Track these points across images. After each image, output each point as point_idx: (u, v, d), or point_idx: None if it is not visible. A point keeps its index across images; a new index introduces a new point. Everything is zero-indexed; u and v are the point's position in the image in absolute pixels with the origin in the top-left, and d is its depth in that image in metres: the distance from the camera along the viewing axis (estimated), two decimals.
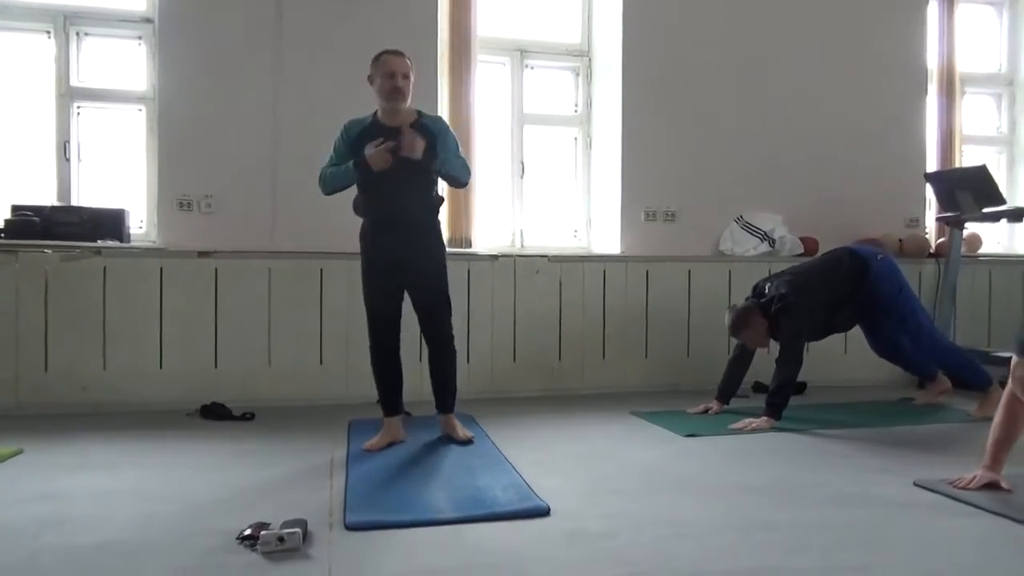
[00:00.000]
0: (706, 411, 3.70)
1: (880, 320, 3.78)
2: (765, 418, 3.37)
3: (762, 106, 4.76)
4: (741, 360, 3.76)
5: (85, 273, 3.72)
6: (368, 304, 3.05)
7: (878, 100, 4.97)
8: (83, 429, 3.30)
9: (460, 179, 3.10)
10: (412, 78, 3.02)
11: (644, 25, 4.57)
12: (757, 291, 3.70)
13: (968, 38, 5.37)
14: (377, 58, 3.02)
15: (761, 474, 2.66)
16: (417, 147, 2.90)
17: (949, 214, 4.54)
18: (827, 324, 3.69)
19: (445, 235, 4.27)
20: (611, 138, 4.62)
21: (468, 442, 3.05)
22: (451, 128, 3.17)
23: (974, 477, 2.39)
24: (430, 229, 3.09)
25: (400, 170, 2.90)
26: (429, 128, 3.01)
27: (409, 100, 3.01)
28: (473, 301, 4.17)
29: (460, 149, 3.11)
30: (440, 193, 3.21)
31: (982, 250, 5.15)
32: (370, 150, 2.85)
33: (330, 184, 3.00)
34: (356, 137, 2.97)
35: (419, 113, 3.06)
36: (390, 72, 2.97)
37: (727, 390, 3.77)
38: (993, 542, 2.01)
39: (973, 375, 3.70)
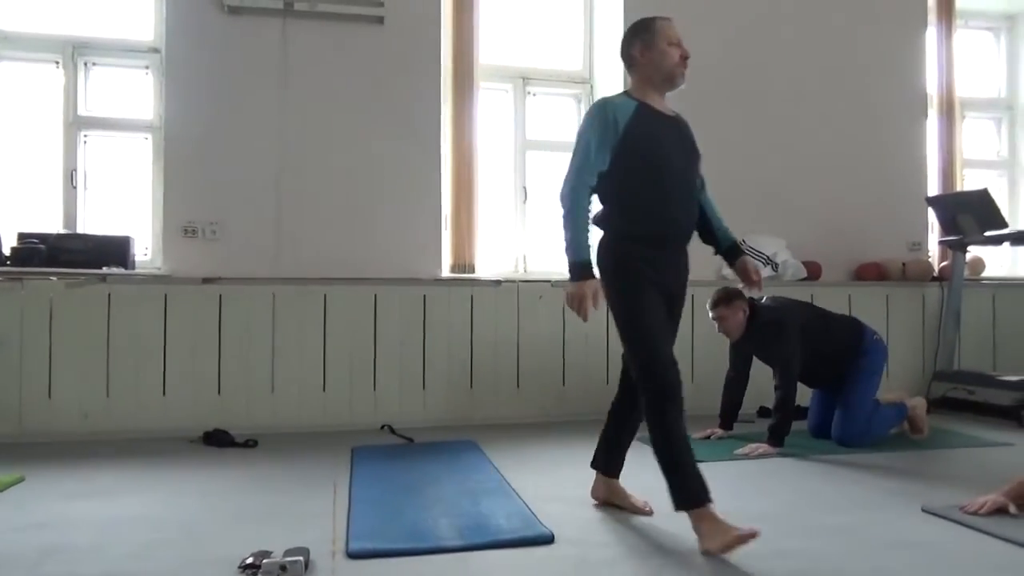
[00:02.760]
0: (709, 436, 3.68)
1: (841, 391, 3.62)
2: (767, 445, 3.36)
3: (763, 131, 4.79)
4: (736, 382, 3.76)
5: (90, 300, 3.74)
6: (653, 340, 2.27)
7: (879, 125, 5.00)
8: (86, 456, 3.29)
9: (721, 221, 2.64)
10: None
11: None
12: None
13: (967, 63, 5.42)
14: (650, 24, 2.37)
15: (767, 500, 2.64)
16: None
17: (952, 238, 4.55)
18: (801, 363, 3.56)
19: (447, 261, 4.36)
20: None
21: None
22: None
23: (985, 502, 2.37)
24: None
25: (685, 175, 2.37)
26: (689, 129, 2.52)
27: None
28: (476, 326, 4.17)
29: None
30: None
31: (985, 273, 5.15)
32: (577, 301, 2.28)
33: (572, 222, 2.25)
34: (626, 126, 2.25)
35: None
36: (677, 40, 2.38)
37: (728, 415, 3.76)
38: (1003, 569, 1.99)
39: (896, 420, 3.65)
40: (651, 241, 2.29)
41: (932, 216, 4.92)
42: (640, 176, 2.25)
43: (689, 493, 2.12)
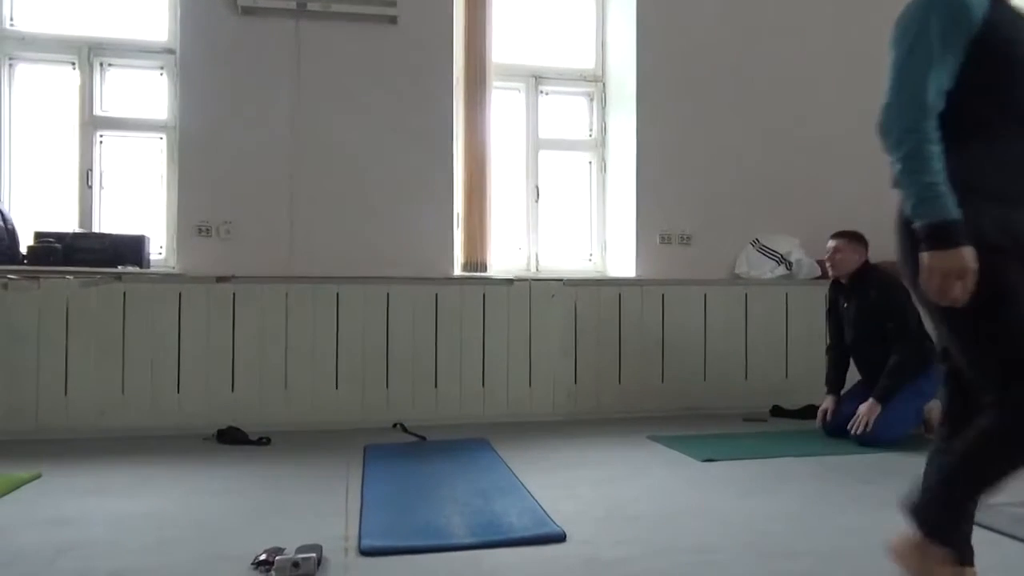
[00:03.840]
0: (827, 413, 3.65)
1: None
2: (869, 405, 3.40)
3: (778, 129, 4.76)
4: (838, 350, 3.80)
5: (105, 299, 3.77)
6: None
7: None
8: (101, 453, 3.32)
9: None
10: None
11: (658, 50, 4.60)
12: None
13: None
14: None
15: (781, 500, 2.62)
16: None
17: None
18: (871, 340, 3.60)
19: (459, 260, 4.36)
20: (626, 162, 4.63)
21: None
22: None
23: None
24: None
25: None
26: None
27: None
28: (488, 325, 4.17)
29: None
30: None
31: None
32: (946, 278, 1.43)
33: (921, 163, 1.46)
34: (985, 17, 1.48)
35: None
36: None
37: (837, 382, 3.76)
38: (1020, 570, 1.97)
39: (913, 422, 3.60)
40: (1015, 200, 1.50)
41: None
42: (1006, 97, 1.51)
43: (944, 528, 1.58)
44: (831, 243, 3.70)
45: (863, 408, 3.43)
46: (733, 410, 4.29)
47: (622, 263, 4.65)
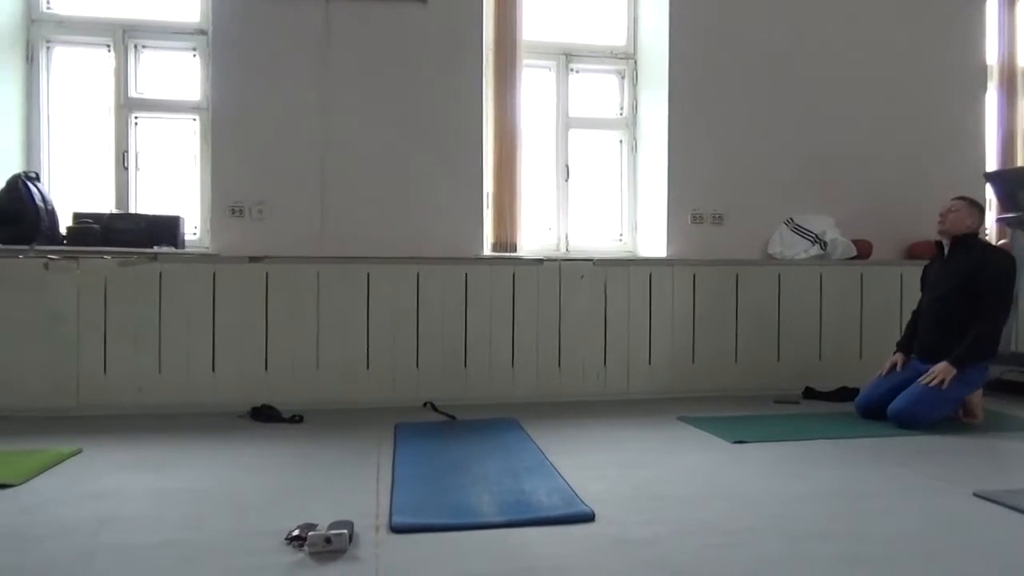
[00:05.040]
0: (894, 367, 3.69)
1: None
2: (945, 365, 3.35)
3: (812, 106, 4.67)
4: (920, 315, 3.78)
5: (142, 278, 3.83)
6: None
7: (936, 98, 4.83)
8: (139, 430, 3.39)
9: None
10: None
11: (691, 27, 4.52)
12: None
13: None
14: None
15: (812, 482, 2.60)
16: None
17: (1010, 215, 4.39)
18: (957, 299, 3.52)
19: (488, 240, 4.36)
20: (657, 141, 4.58)
21: None
22: None
23: None
24: None
25: None
26: None
27: None
28: (518, 305, 4.17)
29: None
30: None
31: None
32: None
33: None
34: None
35: None
36: None
37: (909, 342, 3.76)
38: None
39: (956, 407, 3.54)
40: None
41: (990, 192, 4.75)
42: None
43: None
44: (950, 203, 3.63)
45: (940, 366, 3.38)
46: (765, 392, 4.25)
47: (653, 243, 4.61)
